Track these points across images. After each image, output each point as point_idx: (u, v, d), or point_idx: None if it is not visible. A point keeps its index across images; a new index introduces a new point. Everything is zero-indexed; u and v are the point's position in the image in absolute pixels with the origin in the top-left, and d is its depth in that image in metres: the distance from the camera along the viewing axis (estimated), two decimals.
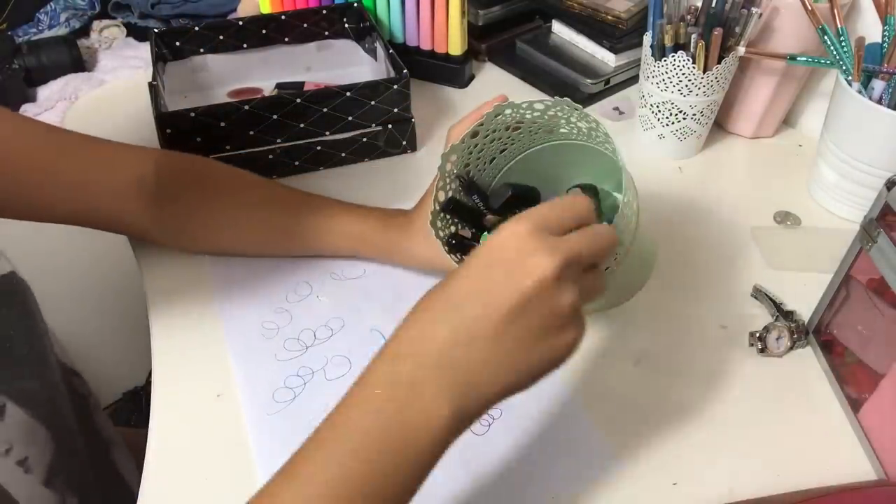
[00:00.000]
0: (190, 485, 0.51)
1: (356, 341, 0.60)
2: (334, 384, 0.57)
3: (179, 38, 0.82)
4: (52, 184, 0.55)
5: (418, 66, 0.87)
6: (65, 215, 0.58)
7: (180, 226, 0.63)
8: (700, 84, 0.72)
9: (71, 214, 0.58)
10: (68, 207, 0.57)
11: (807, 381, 0.57)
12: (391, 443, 0.36)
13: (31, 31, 1.97)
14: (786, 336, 0.58)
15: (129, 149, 0.60)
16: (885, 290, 0.50)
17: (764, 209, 0.73)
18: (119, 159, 0.59)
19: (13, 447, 0.46)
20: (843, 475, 0.51)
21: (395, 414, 0.36)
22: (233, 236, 0.64)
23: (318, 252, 0.65)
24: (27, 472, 0.47)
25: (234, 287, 0.64)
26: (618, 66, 0.89)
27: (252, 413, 0.55)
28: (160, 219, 0.61)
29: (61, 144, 0.56)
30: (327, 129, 0.74)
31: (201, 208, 0.62)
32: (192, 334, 0.60)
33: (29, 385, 0.51)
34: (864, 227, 0.52)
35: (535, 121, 0.53)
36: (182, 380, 0.57)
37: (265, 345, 0.60)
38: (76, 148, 0.57)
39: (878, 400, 0.51)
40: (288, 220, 0.63)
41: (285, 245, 0.65)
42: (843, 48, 0.66)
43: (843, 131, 0.68)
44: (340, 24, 0.88)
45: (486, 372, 0.37)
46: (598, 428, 0.54)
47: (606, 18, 0.86)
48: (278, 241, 0.64)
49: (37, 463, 0.48)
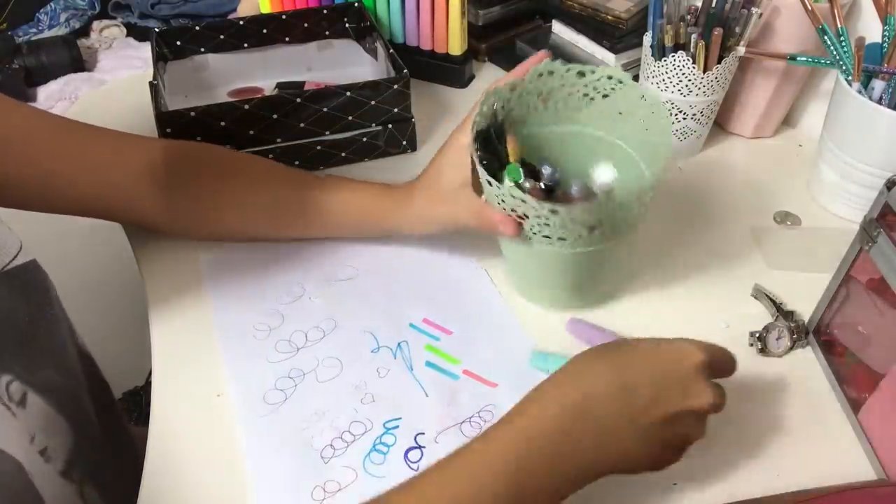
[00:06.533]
0: (190, 484, 0.51)
1: (348, 343, 0.60)
2: (325, 386, 0.57)
3: (180, 38, 0.82)
4: (60, 174, 0.56)
5: (418, 66, 0.87)
6: (74, 206, 0.59)
7: (190, 212, 0.63)
8: (700, 84, 0.72)
9: (80, 205, 0.59)
10: (78, 198, 0.58)
11: (807, 381, 0.57)
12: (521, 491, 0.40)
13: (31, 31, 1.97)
14: (786, 336, 0.58)
15: (136, 138, 0.61)
16: (885, 290, 0.50)
17: (764, 209, 0.73)
18: (127, 149, 0.60)
19: (35, 436, 0.47)
20: (843, 475, 0.51)
21: (540, 466, 0.40)
22: (242, 220, 0.65)
23: (323, 233, 0.66)
24: (48, 462, 0.47)
25: (227, 288, 0.64)
26: (618, 66, 0.89)
27: (243, 415, 0.55)
28: (170, 206, 0.62)
29: (69, 135, 0.57)
30: (327, 129, 0.74)
31: (210, 193, 0.63)
32: (192, 334, 0.60)
33: (50, 375, 0.51)
34: (864, 227, 0.52)
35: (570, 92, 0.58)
36: (182, 380, 0.57)
37: (257, 346, 0.59)
38: (84, 138, 0.58)
39: (878, 400, 0.51)
40: (294, 199, 0.64)
41: (293, 225, 0.65)
42: (843, 48, 0.66)
43: (843, 131, 0.68)
44: (341, 23, 0.88)
45: (630, 457, 0.43)
46: None
47: (606, 18, 0.86)
48: (286, 222, 0.65)
49: (56, 453, 0.49)
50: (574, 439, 0.41)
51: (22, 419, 0.46)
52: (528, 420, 0.42)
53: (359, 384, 0.57)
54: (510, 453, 0.41)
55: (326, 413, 0.55)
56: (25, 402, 0.47)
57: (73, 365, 0.56)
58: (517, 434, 0.41)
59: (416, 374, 0.57)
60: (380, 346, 0.59)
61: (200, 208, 0.63)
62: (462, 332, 0.60)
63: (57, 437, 0.50)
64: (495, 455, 0.41)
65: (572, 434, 0.41)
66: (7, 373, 0.46)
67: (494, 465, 0.40)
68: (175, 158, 0.61)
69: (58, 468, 0.49)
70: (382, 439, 0.53)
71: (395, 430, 0.54)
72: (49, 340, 0.53)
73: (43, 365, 0.51)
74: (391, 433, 0.53)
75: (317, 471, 0.51)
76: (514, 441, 0.41)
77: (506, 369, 0.57)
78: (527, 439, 0.41)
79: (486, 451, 0.41)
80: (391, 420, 0.54)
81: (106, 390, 0.64)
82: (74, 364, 0.57)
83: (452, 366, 0.58)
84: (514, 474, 0.40)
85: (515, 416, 0.43)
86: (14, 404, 0.45)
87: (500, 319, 0.62)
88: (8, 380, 0.46)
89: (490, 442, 0.42)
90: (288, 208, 0.64)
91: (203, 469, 0.52)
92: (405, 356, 0.59)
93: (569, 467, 0.41)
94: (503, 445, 0.41)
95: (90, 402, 0.56)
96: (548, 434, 0.41)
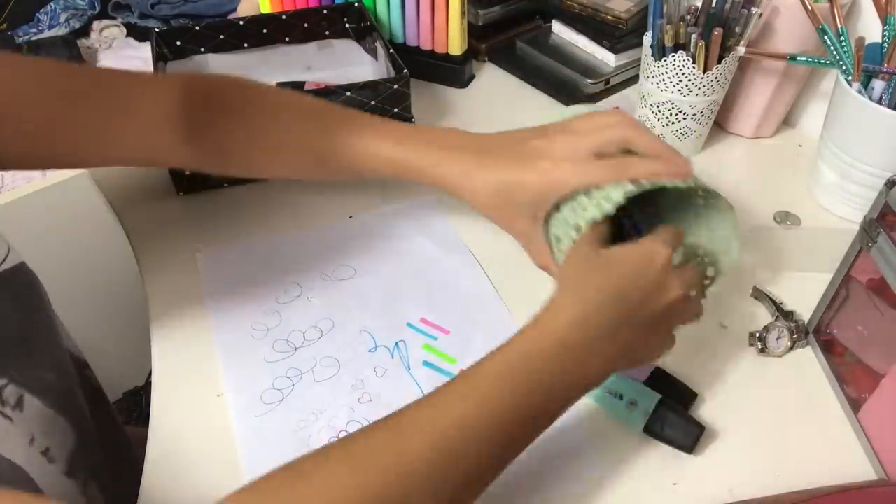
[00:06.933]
0: (190, 484, 0.51)
1: (345, 342, 0.60)
2: (323, 385, 0.57)
3: (180, 38, 0.82)
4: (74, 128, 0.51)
5: (418, 66, 0.87)
6: (96, 158, 0.55)
7: (218, 151, 0.59)
8: (700, 84, 0.72)
9: (101, 157, 0.55)
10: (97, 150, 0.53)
11: (807, 381, 0.57)
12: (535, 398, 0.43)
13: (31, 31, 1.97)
14: (786, 336, 0.58)
15: (155, 81, 0.57)
16: (885, 290, 0.50)
17: (764, 209, 0.73)
18: (147, 93, 0.55)
19: (35, 438, 0.46)
20: (843, 475, 0.51)
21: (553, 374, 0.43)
22: (272, 159, 0.60)
23: (360, 175, 0.60)
24: (50, 463, 0.47)
25: (225, 288, 0.64)
26: (618, 66, 0.89)
27: (240, 414, 0.55)
28: (197, 147, 0.57)
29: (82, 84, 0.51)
30: None
31: (238, 131, 0.58)
32: (192, 335, 0.60)
33: (46, 376, 0.51)
34: (864, 227, 0.52)
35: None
36: (182, 380, 0.57)
37: (254, 346, 0.59)
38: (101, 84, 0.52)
39: (878, 400, 0.51)
40: (325, 141, 0.58)
41: (325, 166, 0.60)
42: (843, 48, 0.66)
43: (843, 131, 0.67)
44: (341, 23, 0.88)
45: (626, 355, 0.46)
46: (599, 427, 0.54)
47: (606, 18, 0.86)
48: (317, 162, 0.60)
49: (58, 453, 0.49)
50: (578, 347, 0.44)
51: (19, 422, 0.46)
52: (533, 334, 0.44)
53: (356, 383, 0.57)
54: (517, 364, 0.43)
55: (324, 412, 0.55)
56: (22, 404, 0.47)
57: (67, 366, 0.56)
58: (523, 345, 0.44)
59: (414, 373, 0.57)
60: (377, 346, 0.59)
61: (228, 151, 0.59)
62: (459, 332, 0.60)
63: (58, 437, 0.50)
64: (502, 366, 0.43)
65: (576, 343, 0.44)
66: (1, 376, 0.46)
67: (501, 377, 0.43)
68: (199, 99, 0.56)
69: (61, 468, 0.49)
70: None
71: None
72: (42, 342, 0.53)
73: (38, 367, 0.50)
74: None
75: None
76: (520, 352, 0.44)
77: None
78: (532, 352, 0.43)
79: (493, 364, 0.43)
80: None
81: (99, 391, 0.63)
82: (68, 365, 0.56)
83: (450, 365, 0.58)
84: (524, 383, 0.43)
85: (518, 336, 0.45)
86: (10, 408, 0.45)
87: (497, 319, 0.62)
88: (2, 383, 0.46)
89: (495, 357, 0.44)
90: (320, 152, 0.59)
91: (203, 469, 0.52)
92: (403, 355, 0.59)
93: (574, 374, 0.44)
94: (511, 355, 0.44)
95: (85, 402, 0.56)
96: (552, 345, 0.43)
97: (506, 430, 0.42)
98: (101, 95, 0.52)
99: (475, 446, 0.41)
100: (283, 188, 0.75)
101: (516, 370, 0.43)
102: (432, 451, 0.39)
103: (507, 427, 0.42)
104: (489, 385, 0.42)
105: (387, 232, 0.70)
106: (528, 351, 0.43)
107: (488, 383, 0.42)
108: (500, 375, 0.43)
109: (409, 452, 0.39)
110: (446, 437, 0.40)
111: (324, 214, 0.72)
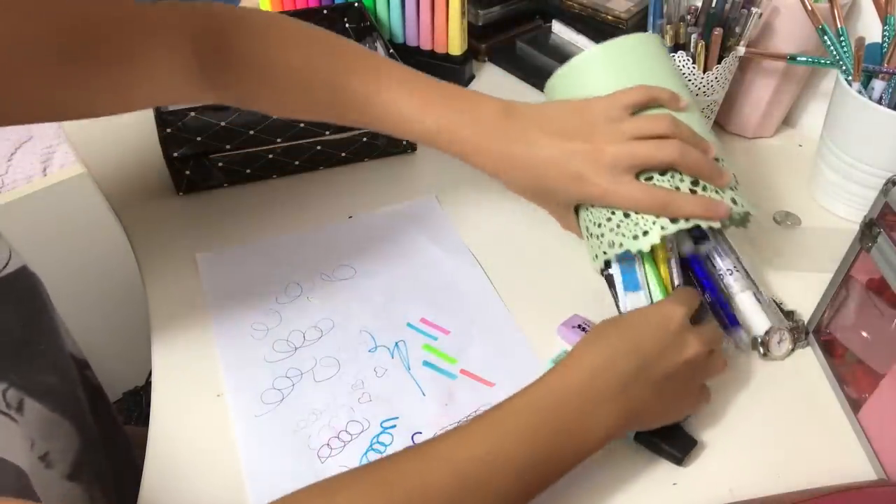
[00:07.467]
0: (190, 484, 0.51)
1: (345, 343, 0.60)
2: (323, 385, 0.57)
3: None
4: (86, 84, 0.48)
5: (418, 66, 0.86)
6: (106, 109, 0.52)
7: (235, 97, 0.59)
8: (700, 84, 0.72)
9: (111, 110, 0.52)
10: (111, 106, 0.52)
11: (807, 382, 0.57)
12: (557, 439, 0.45)
13: None
14: (787, 339, 0.58)
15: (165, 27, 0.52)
16: (885, 290, 0.50)
17: (764, 209, 0.73)
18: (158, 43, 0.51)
19: (35, 442, 0.47)
20: (843, 475, 0.51)
21: (573, 419, 0.45)
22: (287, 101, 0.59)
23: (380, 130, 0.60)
24: (48, 468, 0.47)
25: (224, 288, 0.64)
26: None
27: (240, 414, 0.55)
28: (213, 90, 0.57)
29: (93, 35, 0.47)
30: (327, 129, 0.74)
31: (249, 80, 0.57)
32: (192, 334, 0.60)
33: (47, 380, 0.51)
34: (864, 227, 0.52)
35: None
36: (182, 380, 0.57)
37: (254, 346, 0.59)
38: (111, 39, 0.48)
39: (878, 400, 0.51)
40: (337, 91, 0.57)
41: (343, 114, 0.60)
42: (843, 48, 0.66)
43: (843, 131, 0.67)
44: (341, 23, 0.88)
45: (646, 409, 0.48)
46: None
47: (606, 18, 0.86)
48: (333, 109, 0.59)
49: (59, 457, 0.49)
50: (596, 395, 0.46)
51: (21, 425, 0.46)
52: (557, 377, 0.46)
53: (356, 384, 0.57)
54: (541, 404, 0.45)
55: (324, 412, 0.55)
56: (23, 408, 0.47)
57: (69, 368, 0.56)
58: (548, 386, 0.46)
59: (414, 373, 0.57)
60: (377, 346, 0.59)
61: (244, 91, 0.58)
62: (459, 332, 0.60)
63: (60, 441, 0.50)
64: (526, 405, 0.45)
65: (594, 391, 0.46)
66: (2, 381, 0.46)
67: (525, 415, 0.45)
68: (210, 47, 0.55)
69: (63, 472, 0.49)
70: (380, 439, 0.53)
71: (393, 429, 0.53)
72: (44, 345, 0.53)
73: (40, 370, 0.50)
74: (388, 432, 0.53)
75: (313, 470, 0.51)
76: (545, 392, 0.46)
77: (503, 369, 0.57)
78: (556, 391, 0.46)
79: (518, 403, 0.45)
80: (388, 419, 0.54)
81: (99, 391, 0.64)
82: (70, 367, 0.56)
83: (450, 365, 0.58)
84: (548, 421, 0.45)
85: (543, 378, 0.47)
86: (13, 411, 0.45)
87: (497, 319, 0.62)
88: (3, 388, 0.46)
89: (521, 396, 0.46)
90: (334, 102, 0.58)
91: (203, 469, 0.52)
92: (403, 355, 0.59)
93: (593, 422, 0.45)
94: (536, 395, 0.46)
95: (87, 403, 0.56)
96: (572, 392, 0.46)
97: (526, 467, 0.43)
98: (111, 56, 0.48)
99: (496, 480, 0.42)
100: (284, 188, 0.75)
101: (541, 409, 0.45)
102: (454, 480, 0.41)
103: (527, 465, 0.43)
104: (514, 423, 0.44)
105: (387, 232, 0.70)
106: (552, 391, 0.46)
107: (513, 421, 0.44)
108: (521, 412, 0.45)
109: (431, 480, 0.41)
110: (468, 469, 0.42)
111: (324, 214, 0.72)
